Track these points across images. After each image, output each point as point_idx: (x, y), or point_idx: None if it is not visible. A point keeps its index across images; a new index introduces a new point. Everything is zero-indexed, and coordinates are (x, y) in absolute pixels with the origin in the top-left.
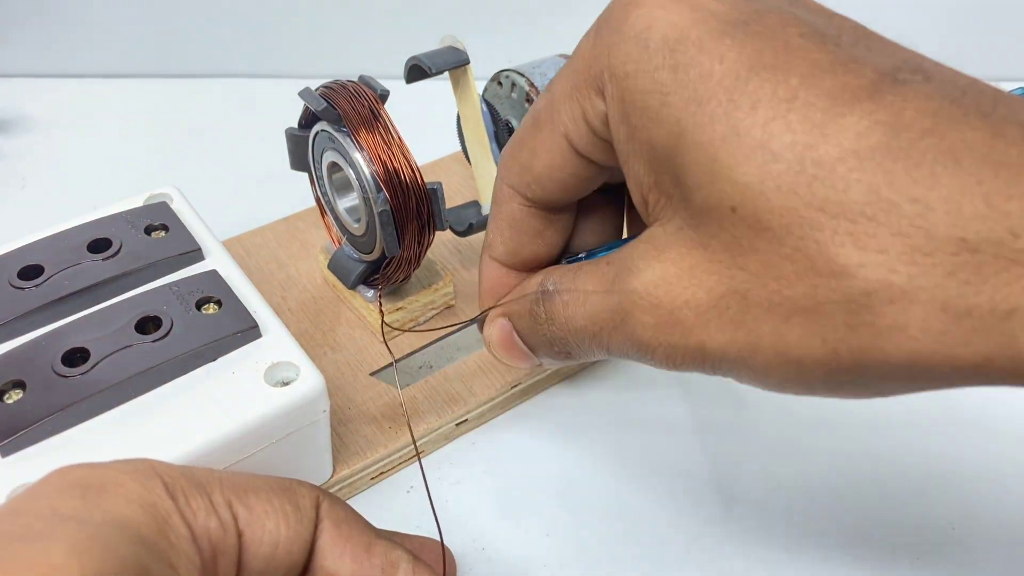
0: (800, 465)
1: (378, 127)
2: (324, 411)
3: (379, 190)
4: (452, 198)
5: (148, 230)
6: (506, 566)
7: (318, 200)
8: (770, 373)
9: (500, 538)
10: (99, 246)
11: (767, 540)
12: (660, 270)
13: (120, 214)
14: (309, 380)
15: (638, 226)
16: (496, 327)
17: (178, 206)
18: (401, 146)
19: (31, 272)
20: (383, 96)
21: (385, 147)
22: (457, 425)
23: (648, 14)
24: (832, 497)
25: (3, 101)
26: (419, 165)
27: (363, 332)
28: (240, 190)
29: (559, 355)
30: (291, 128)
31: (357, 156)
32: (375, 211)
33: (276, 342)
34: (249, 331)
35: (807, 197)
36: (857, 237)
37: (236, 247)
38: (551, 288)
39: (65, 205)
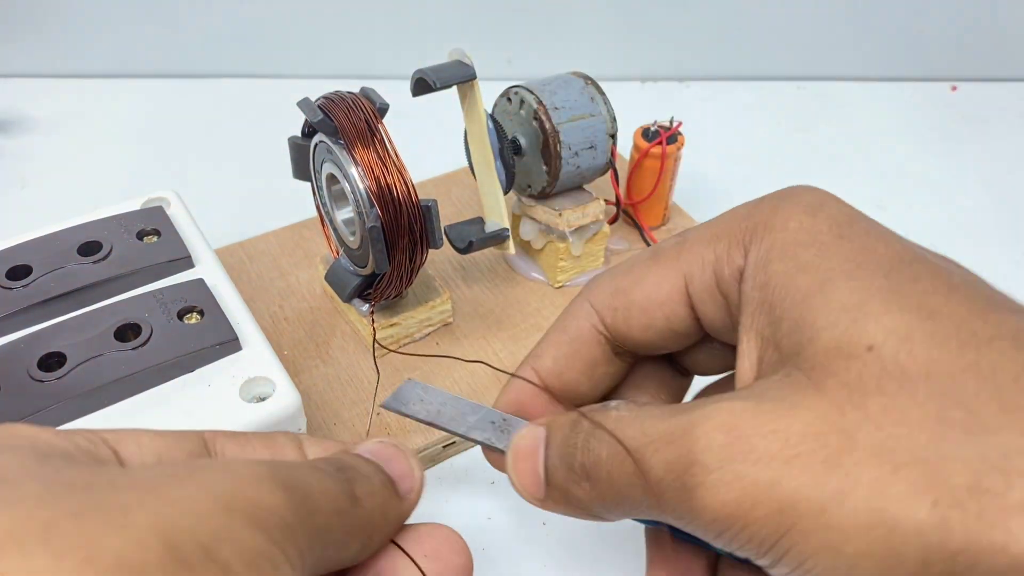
0: None
1: (374, 142)
2: (300, 429)
3: (372, 205)
4: (461, 213)
5: (140, 235)
6: (506, 566)
7: (319, 209)
8: (850, 537)
9: (500, 538)
10: (89, 249)
11: None
12: (753, 400)
13: (114, 217)
14: (285, 398)
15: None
16: (526, 432)
17: (174, 211)
18: (397, 162)
19: (19, 272)
20: (382, 110)
21: (379, 162)
22: (444, 448)
23: (822, 196)
24: None
25: (3, 101)
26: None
27: (357, 346)
28: (245, 194)
29: (573, 483)
30: (294, 137)
31: (352, 170)
32: (366, 226)
33: (255, 356)
34: (228, 344)
35: (958, 357)
36: (1004, 400)
37: (239, 252)
38: (612, 406)
39: (65, 205)
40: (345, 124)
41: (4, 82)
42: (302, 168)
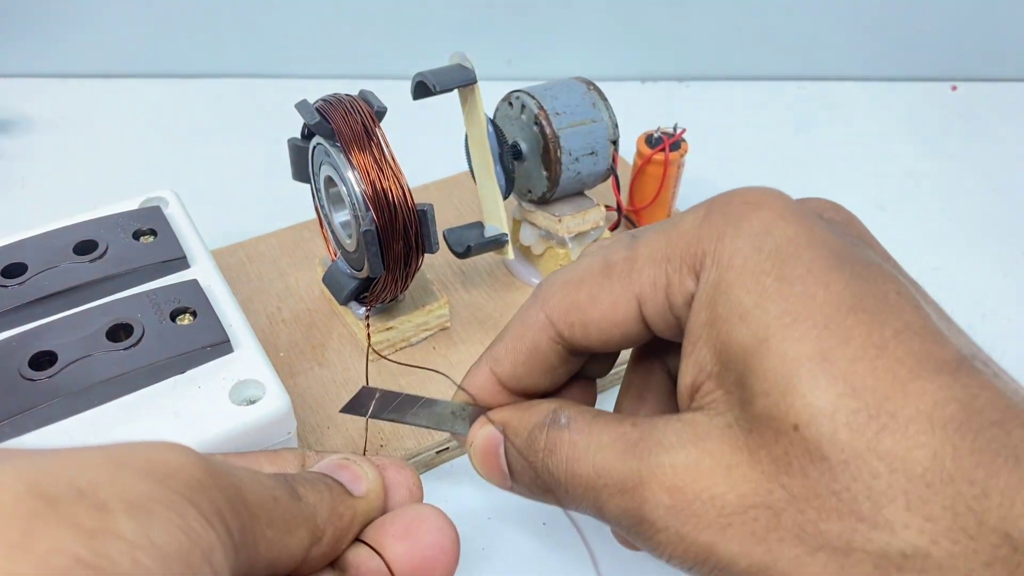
0: None
1: (371, 145)
2: (289, 433)
3: (367, 209)
4: (463, 217)
5: (136, 235)
6: (506, 566)
7: (318, 212)
8: None
9: (500, 538)
10: (85, 248)
11: None
12: (695, 456)
13: (111, 216)
14: (275, 401)
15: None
16: (485, 433)
17: (172, 211)
18: (393, 166)
19: (14, 270)
20: (380, 113)
21: (375, 166)
22: (437, 453)
23: (769, 220)
24: None
25: (3, 101)
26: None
27: (353, 349)
28: (247, 195)
29: (538, 491)
30: (293, 138)
31: (348, 173)
32: (360, 230)
33: (247, 359)
34: (220, 345)
35: (874, 442)
36: (910, 498)
37: (239, 253)
38: (563, 421)
39: (65, 206)
40: (342, 127)
41: (4, 82)
42: (301, 170)
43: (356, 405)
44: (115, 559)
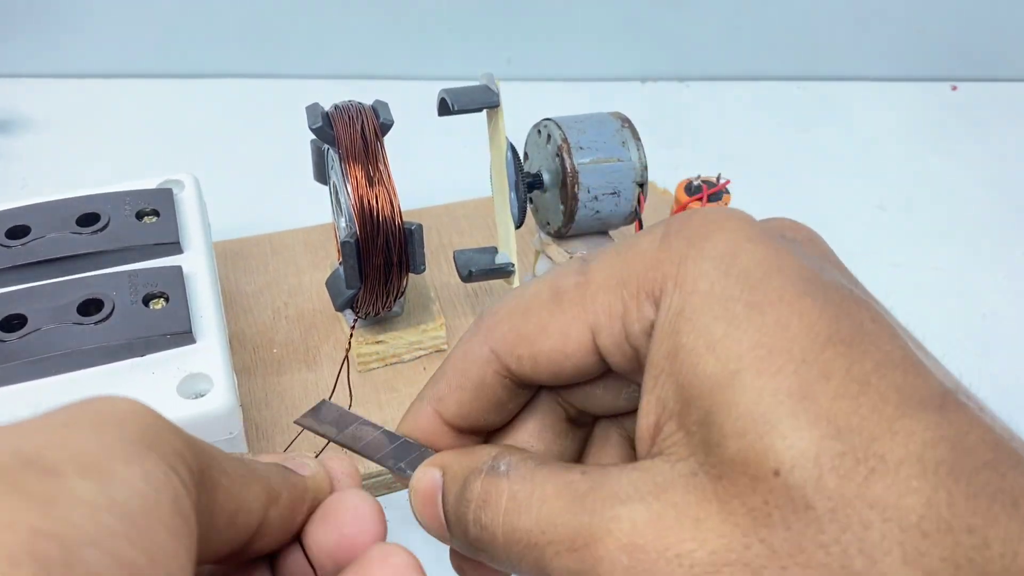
0: None
1: (365, 157)
2: (232, 433)
3: (352, 220)
4: (495, 239)
5: (140, 214)
6: None
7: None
8: None
9: None
10: (87, 220)
11: None
12: (656, 509)
13: (123, 192)
14: (219, 398)
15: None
16: (426, 477)
17: (185, 195)
18: (386, 181)
19: (19, 232)
20: (384, 126)
21: (366, 179)
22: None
23: (734, 241)
24: None
25: (3, 101)
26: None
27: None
28: (272, 189)
29: (471, 547)
30: (316, 140)
31: (343, 182)
32: (340, 239)
33: (205, 352)
34: (181, 335)
35: (863, 488)
36: (907, 550)
37: (265, 244)
38: (502, 468)
39: None
40: (341, 135)
41: (4, 82)
42: (322, 172)
43: (313, 420)
44: (77, 523)
